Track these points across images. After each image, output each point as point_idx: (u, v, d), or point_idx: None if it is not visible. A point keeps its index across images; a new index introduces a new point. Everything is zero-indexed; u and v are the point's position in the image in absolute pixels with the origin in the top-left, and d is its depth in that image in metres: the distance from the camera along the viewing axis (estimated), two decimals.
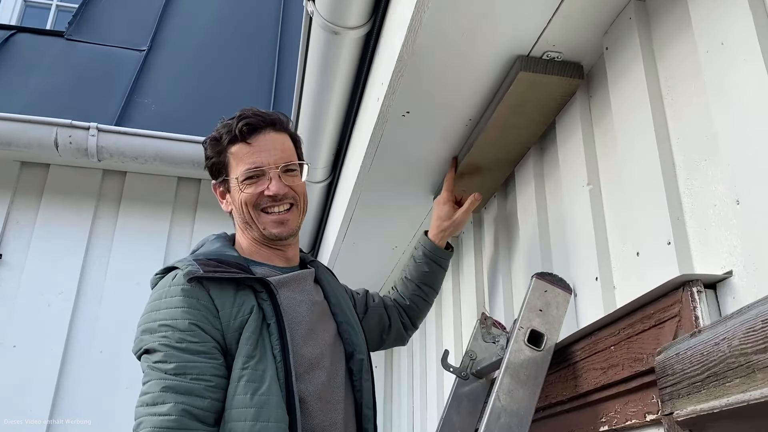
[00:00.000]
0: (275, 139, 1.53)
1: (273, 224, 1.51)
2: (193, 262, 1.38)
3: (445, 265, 1.98)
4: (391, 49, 1.63)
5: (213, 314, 1.32)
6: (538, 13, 1.42)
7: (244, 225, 1.53)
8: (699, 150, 1.16)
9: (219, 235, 1.60)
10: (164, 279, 1.40)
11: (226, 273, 1.36)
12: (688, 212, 1.18)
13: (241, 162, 1.49)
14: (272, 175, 1.49)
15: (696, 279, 1.07)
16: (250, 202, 1.49)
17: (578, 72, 1.58)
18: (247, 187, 1.49)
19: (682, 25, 1.24)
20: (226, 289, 1.36)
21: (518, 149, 1.87)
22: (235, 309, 1.34)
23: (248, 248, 1.55)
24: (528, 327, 1.46)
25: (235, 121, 1.51)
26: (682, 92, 1.23)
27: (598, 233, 1.46)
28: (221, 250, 1.48)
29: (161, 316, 1.32)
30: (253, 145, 1.50)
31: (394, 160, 2.02)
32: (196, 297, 1.33)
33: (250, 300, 1.36)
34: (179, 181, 3.73)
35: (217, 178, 1.56)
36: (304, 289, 1.52)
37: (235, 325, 1.33)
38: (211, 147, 1.54)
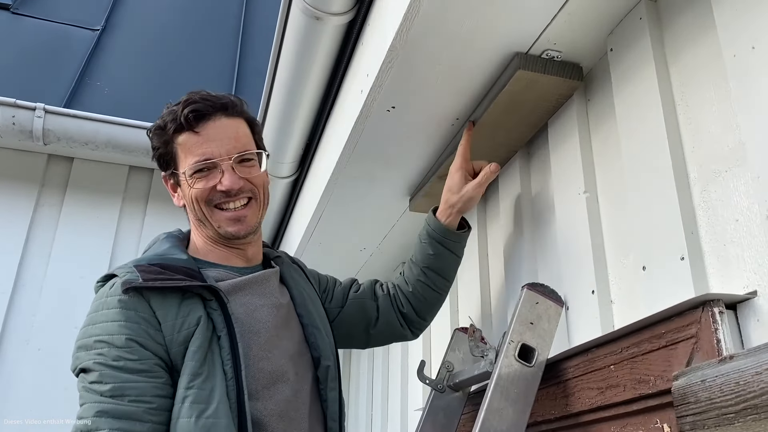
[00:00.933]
0: (227, 126, 1.37)
1: (228, 222, 1.36)
2: (132, 269, 1.24)
3: (455, 249, 1.62)
4: (381, 38, 1.52)
5: (154, 327, 1.18)
6: (544, 8, 1.33)
7: (197, 222, 1.39)
8: (719, 161, 1.10)
9: (170, 233, 1.45)
10: (103, 288, 1.26)
11: (168, 281, 1.21)
12: (704, 226, 1.11)
13: (189, 154, 1.33)
14: (224, 168, 1.34)
15: (717, 299, 0.99)
16: (201, 198, 1.34)
17: (577, 73, 1.51)
18: (197, 182, 1.33)
19: (702, 28, 1.17)
20: (169, 298, 1.21)
21: (505, 152, 1.79)
22: (180, 320, 1.20)
23: (203, 248, 1.40)
24: (519, 341, 1.37)
25: (180, 107, 1.34)
26: (699, 99, 1.16)
27: (596, 244, 1.39)
28: (168, 252, 1.32)
29: (97, 330, 1.18)
30: (202, 134, 1.34)
31: (373, 157, 1.91)
32: (134, 309, 1.18)
33: (196, 310, 1.22)
34: (130, 170, 3.53)
35: (166, 170, 1.40)
36: (265, 292, 1.38)
37: (179, 339, 1.19)
38: (157, 136, 1.38)
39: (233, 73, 4.06)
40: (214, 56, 4.12)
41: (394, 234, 2.44)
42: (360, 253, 2.63)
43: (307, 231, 2.43)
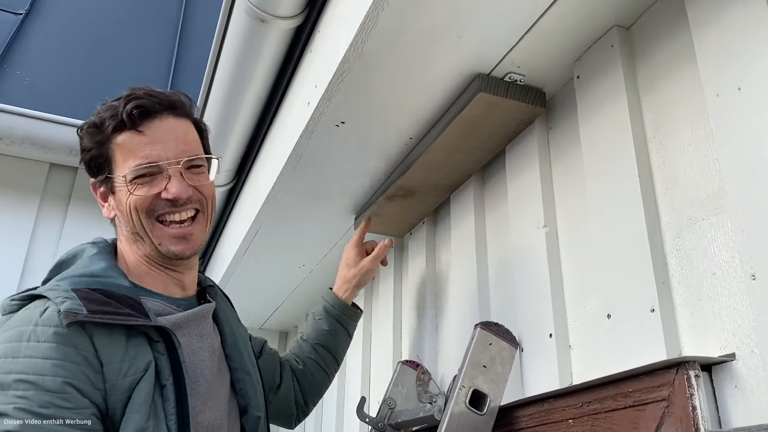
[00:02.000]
0: (175, 127, 1.19)
1: (172, 240, 1.17)
2: (71, 294, 1.02)
3: (349, 327, 1.66)
4: (333, 48, 1.38)
5: (95, 370, 0.98)
6: (511, 28, 1.23)
7: (133, 237, 1.18)
8: (695, 207, 1.02)
9: (98, 245, 1.21)
10: (27, 312, 1.01)
11: (118, 317, 1.01)
12: (677, 277, 1.03)
13: (131, 155, 1.14)
14: (172, 173, 1.15)
15: (693, 360, 0.91)
16: (142, 207, 1.14)
17: (540, 99, 1.42)
18: (139, 188, 1.14)
19: (680, 61, 1.09)
20: (115, 336, 1.01)
21: (459, 176, 1.69)
22: (126, 363, 1.00)
23: (135, 268, 1.19)
24: (470, 386, 1.27)
25: (122, 103, 1.15)
26: (674, 137, 1.08)
27: (554, 283, 1.30)
28: (107, 275, 1.10)
29: (20, 366, 0.94)
30: (147, 134, 1.15)
31: (317, 172, 1.77)
32: (74, 345, 0.97)
33: (145, 353, 1.03)
34: (51, 168, 3.25)
35: (97, 175, 1.19)
36: (203, 332, 1.20)
37: (123, 386, 0.99)
38: (89, 136, 1.17)
39: (170, 68, 3.82)
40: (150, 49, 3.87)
41: (336, 252, 2.30)
42: (299, 270, 2.48)
43: (242, 244, 2.26)
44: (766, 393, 0.84)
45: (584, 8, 1.19)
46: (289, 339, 3.31)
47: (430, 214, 1.91)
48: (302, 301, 2.86)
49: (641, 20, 1.21)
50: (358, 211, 2.00)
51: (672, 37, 1.12)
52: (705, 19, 1.02)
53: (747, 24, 0.95)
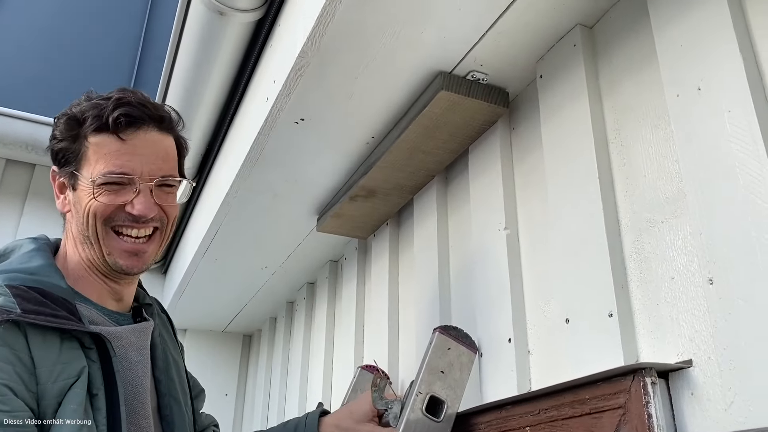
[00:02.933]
0: (157, 142, 1.15)
1: (123, 254, 1.11)
2: (5, 290, 0.96)
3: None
4: (291, 42, 1.34)
5: (28, 372, 0.92)
6: (473, 24, 1.20)
7: (83, 239, 1.12)
8: (654, 209, 0.99)
9: (38, 241, 1.15)
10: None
11: (54, 319, 0.96)
12: (635, 281, 1.01)
13: (104, 159, 1.09)
14: (142, 188, 1.11)
15: (649, 367, 0.88)
16: (102, 214, 1.09)
17: (503, 99, 1.39)
18: (104, 195, 1.09)
19: (642, 61, 1.07)
20: (49, 337, 0.96)
21: (422, 177, 1.65)
22: (58, 368, 0.95)
23: (75, 271, 1.13)
24: (427, 392, 1.23)
25: (110, 105, 1.09)
26: (635, 138, 1.06)
27: (514, 287, 1.27)
28: (44, 274, 1.04)
29: None
30: (127, 143, 1.10)
31: (278, 171, 1.72)
32: (9, 345, 0.92)
33: (78, 359, 0.97)
34: (7, 164, 3.13)
35: (62, 167, 1.14)
36: (142, 347, 1.14)
37: (54, 390, 0.93)
38: (66, 126, 1.11)
39: (134, 60, 3.73)
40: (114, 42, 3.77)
41: (299, 254, 2.26)
42: (261, 272, 2.42)
43: (201, 245, 2.20)
44: (722, 401, 0.81)
45: (547, 5, 1.16)
46: (252, 342, 3.25)
47: (394, 215, 1.87)
48: (265, 304, 2.80)
49: (604, 19, 1.19)
50: (320, 212, 1.96)
51: (634, 37, 1.10)
52: (666, 19, 1.00)
53: (708, 24, 0.93)
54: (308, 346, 2.40)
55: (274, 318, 2.94)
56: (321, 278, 2.41)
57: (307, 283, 2.54)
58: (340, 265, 2.28)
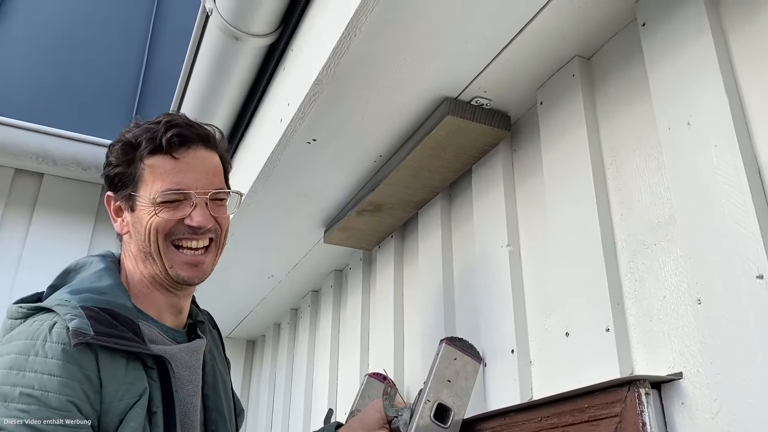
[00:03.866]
0: (206, 159, 1.22)
1: (184, 266, 1.17)
2: (79, 311, 1.02)
3: None
4: (306, 69, 1.42)
5: (95, 390, 0.99)
6: (478, 55, 1.29)
7: (144, 256, 1.18)
8: (648, 232, 1.08)
9: (106, 259, 1.20)
10: (34, 324, 1.02)
11: (123, 341, 1.02)
12: (630, 298, 1.09)
13: (160, 179, 1.16)
14: (198, 202, 1.17)
15: (643, 379, 0.97)
16: (163, 229, 1.16)
17: (505, 123, 1.47)
18: (164, 211, 1.16)
19: (636, 93, 1.16)
20: (117, 359, 1.02)
21: (426, 193, 1.73)
22: (124, 387, 1.02)
23: (137, 288, 1.20)
24: (435, 400, 1.31)
25: (161, 128, 1.18)
26: (630, 166, 1.15)
27: (517, 301, 1.35)
28: (113, 294, 1.11)
29: (27, 381, 0.95)
30: (180, 161, 1.18)
31: (288, 187, 1.80)
32: (79, 364, 0.98)
33: (141, 379, 1.04)
34: (16, 173, 3.20)
35: (119, 190, 1.21)
36: (193, 367, 1.21)
37: (118, 409, 1.00)
38: (122, 152, 1.19)
39: (139, 75, 3.80)
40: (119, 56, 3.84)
41: (305, 263, 2.34)
42: (267, 281, 2.50)
43: None
44: (709, 410, 0.90)
45: (547, 39, 1.25)
46: (256, 348, 3.32)
47: (398, 228, 1.96)
48: (269, 311, 2.88)
49: (601, 52, 1.27)
50: (327, 224, 2.04)
51: (629, 69, 1.19)
52: (658, 54, 1.09)
53: (696, 61, 1.01)
54: (313, 352, 2.48)
55: (278, 324, 3.02)
56: (326, 287, 2.48)
57: (312, 291, 2.62)
58: (344, 275, 2.36)
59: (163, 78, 3.79)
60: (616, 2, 1.16)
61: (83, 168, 3.09)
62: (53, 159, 2.97)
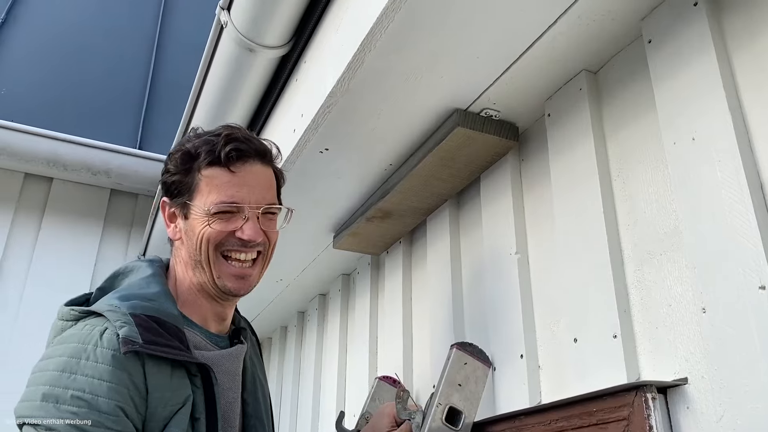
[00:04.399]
0: (261, 174, 1.26)
1: (231, 278, 1.21)
2: (129, 319, 1.05)
3: None
4: (320, 82, 1.46)
5: (141, 396, 1.02)
6: (488, 70, 1.33)
7: (194, 264, 1.21)
8: (654, 243, 1.12)
9: (153, 265, 1.24)
10: (85, 328, 1.05)
11: (169, 350, 1.06)
12: (637, 306, 1.13)
13: (216, 191, 1.20)
14: (250, 216, 1.21)
15: (650, 384, 1.01)
16: (214, 240, 1.19)
17: (513, 133, 1.52)
18: (216, 222, 1.19)
19: (642, 108, 1.20)
20: (162, 367, 1.06)
21: (435, 200, 1.78)
22: (168, 394, 1.05)
23: (185, 294, 1.23)
24: (446, 404, 1.35)
25: (221, 141, 1.21)
26: (636, 178, 1.19)
27: (526, 308, 1.39)
28: (160, 300, 1.14)
29: (78, 384, 0.98)
30: (237, 175, 1.21)
31: (300, 193, 1.85)
32: (128, 371, 1.01)
33: (185, 386, 1.08)
34: (26, 178, 3.24)
35: (174, 197, 1.25)
36: (234, 373, 1.25)
37: (162, 415, 1.04)
38: (181, 161, 1.23)
39: (146, 82, 3.84)
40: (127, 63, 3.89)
41: (313, 267, 2.38)
42: (276, 284, 2.54)
43: None
44: (713, 414, 0.94)
45: (555, 53, 1.29)
46: (262, 351, 3.36)
47: (407, 234, 2.00)
48: (277, 313, 2.92)
49: (608, 66, 1.31)
50: (337, 230, 2.08)
51: (635, 84, 1.23)
52: (663, 71, 1.13)
53: (701, 78, 1.05)
54: (321, 354, 2.52)
55: (285, 327, 3.06)
56: (333, 290, 2.53)
57: (319, 294, 2.66)
58: (352, 279, 2.40)
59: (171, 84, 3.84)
60: (623, 19, 1.21)
61: (92, 173, 3.14)
62: (63, 164, 3.01)
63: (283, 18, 1.57)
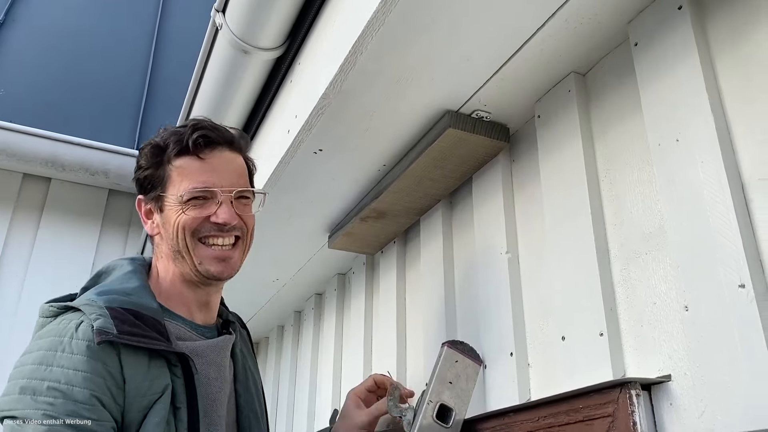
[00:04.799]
0: (231, 160, 1.29)
1: (212, 261, 1.23)
2: (104, 311, 1.07)
3: None
4: (313, 83, 1.48)
5: (117, 386, 1.04)
6: (478, 72, 1.35)
7: (174, 255, 1.24)
8: (639, 242, 1.14)
9: (134, 262, 1.27)
10: (62, 323, 1.08)
11: (144, 339, 1.07)
12: (623, 304, 1.15)
13: (188, 178, 1.23)
14: (223, 200, 1.23)
15: (634, 381, 1.03)
16: (190, 227, 1.21)
17: (504, 134, 1.54)
18: (191, 209, 1.21)
19: (629, 109, 1.22)
20: (139, 356, 1.07)
21: (428, 200, 1.79)
22: (146, 384, 1.06)
23: (168, 287, 1.25)
24: (437, 401, 1.37)
25: (188, 131, 1.25)
26: (623, 178, 1.21)
27: (515, 306, 1.41)
28: (138, 295, 1.16)
29: (54, 375, 1.00)
30: (206, 162, 1.24)
31: (295, 194, 1.87)
32: (103, 361, 1.03)
33: (164, 375, 1.09)
34: (24, 178, 3.27)
35: (148, 193, 1.27)
36: (221, 364, 1.26)
37: (141, 404, 1.05)
38: (151, 155, 1.26)
39: (144, 82, 3.87)
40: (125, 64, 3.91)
41: (309, 267, 2.40)
42: (272, 284, 2.56)
43: None
44: (695, 410, 0.96)
45: (544, 56, 1.31)
46: (260, 350, 3.38)
47: (401, 234, 2.02)
48: (273, 313, 2.93)
49: (596, 68, 1.33)
50: (332, 230, 2.10)
51: (623, 86, 1.25)
52: (649, 73, 1.15)
53: (685, 81, 1.07)
54: (317, 354, 2.54)
55: (282, 326, 3.08)
56: (329, 290, 2.54)
57: (315, 294, 2.68)
58: (347, 278, 2.42)
59: (169, 84, 3.86)
60: (610, 22, 1.23)
61: (91, 173, 3.16)
62: (62, 164, 3.04)
63: (277, 20, 1.59)
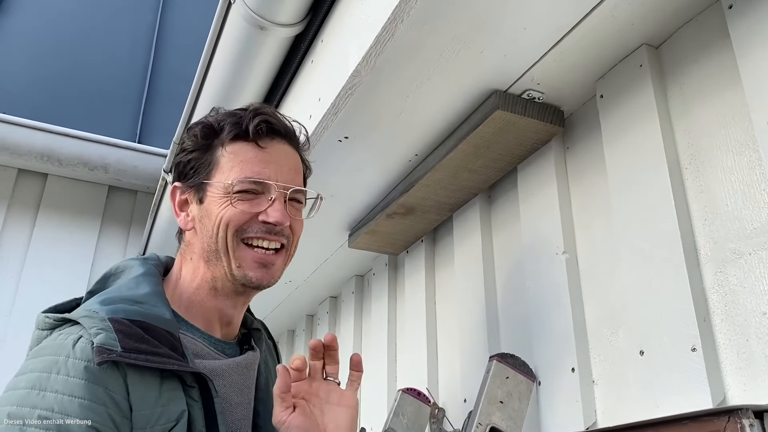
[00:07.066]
0: (290, 155, 1.12)
1: (252, 265, 1.04)
2: (107, 325, 0.89)
3: None
4: (342, 60, 1.30)
5: (123, 414, 0.86)
6: (536, 43, 1.17)
7: (208, 256, 1.05)
8: (740, 240, 0.96)
9: (147, 263, 1.07)
10: (59, 338, 0.90)
11: (154, 358, 0.89)
12: (719, 314, 0.97)
13: (240, 166, 1.04)
14: (277, 196, 1.05)
15: (745, 408, 0.85)
16: (236, 222, 1.03)
17: (558, 118, 1.35)
18: (240, 202, 1.03)
19: (719, 83, 1.04)
20: (148, 378, 0.89)
21: (464, 195, 1.61)
22: (158, 410, 0.88)
23: (190, 294, 1.06)
24: (487, 424, 1.19)
25: (249, 114, 1.07)
26: (714, 165, 1.03)
27: (576, 315, 1.23)
28: (149, 303, 0.97)
29: (47, 402, 0.82)
30: (265, 151, 1.06)
31: (313, 187, 1.65)
32: (105, 385, 0.85)
33: (178, 400, 0.90)
34: (19, 173, 3.08)
35: (188, 180, 1.08)
36: (244, 386, 1.07)
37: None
38: (202, 136, 1.07)
39: (146, 72, 3.68)
40: (125, 53, 3.72)
41: (325, 268, 2.22)
42: (285, 286, 2.38)
43: None
44: None
45: (616, 24, 1.13)
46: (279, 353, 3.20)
47: (429, 231, 1.84)
48: (284, 317, 2.76)
49: (672, 39, 1.15)
50: (352, 228, 1.92)
51: (709, 58, 1.07)
52: (750, 38, 0.97)
53: None
54: None
55: (293, 330, 2.90)
56: (346, 292, 2.36)
57: (330, 296, 2.50)
58: (366, 280, 2.24)
59: (172, 74, 3.68)
60: None
61: (89, 168, 2.98)
62: (59, 159, 2.85)
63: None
